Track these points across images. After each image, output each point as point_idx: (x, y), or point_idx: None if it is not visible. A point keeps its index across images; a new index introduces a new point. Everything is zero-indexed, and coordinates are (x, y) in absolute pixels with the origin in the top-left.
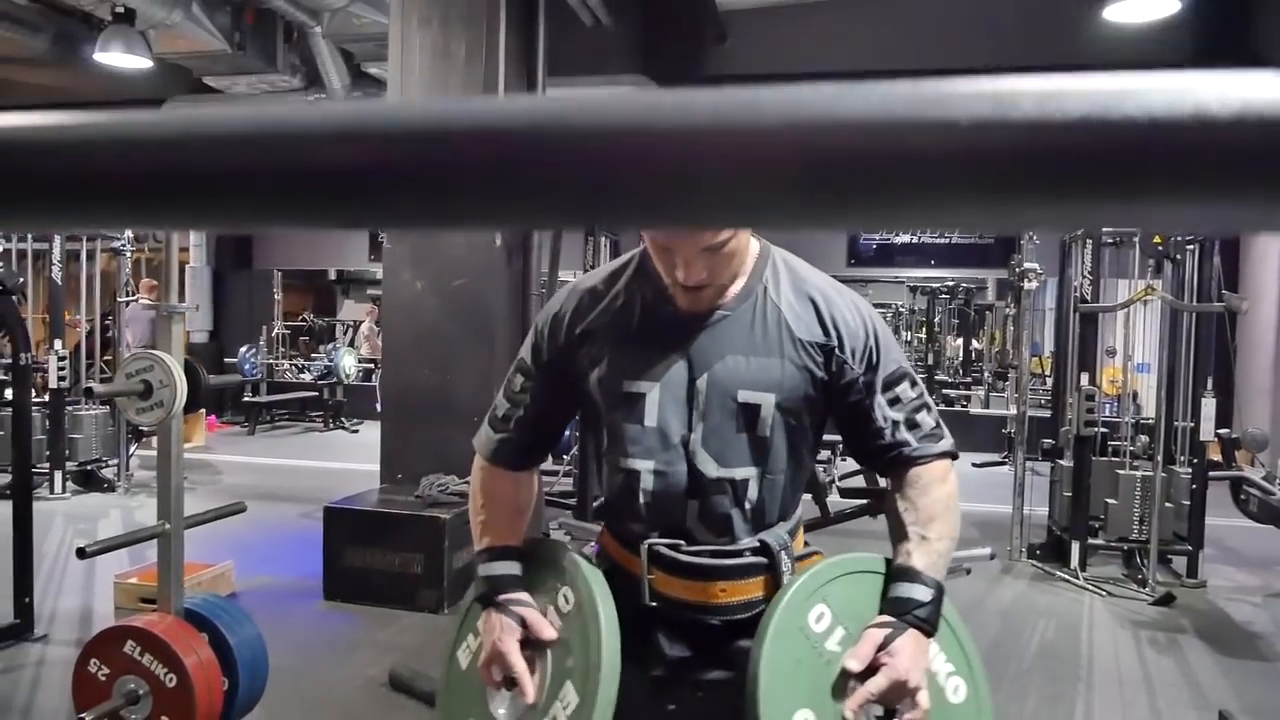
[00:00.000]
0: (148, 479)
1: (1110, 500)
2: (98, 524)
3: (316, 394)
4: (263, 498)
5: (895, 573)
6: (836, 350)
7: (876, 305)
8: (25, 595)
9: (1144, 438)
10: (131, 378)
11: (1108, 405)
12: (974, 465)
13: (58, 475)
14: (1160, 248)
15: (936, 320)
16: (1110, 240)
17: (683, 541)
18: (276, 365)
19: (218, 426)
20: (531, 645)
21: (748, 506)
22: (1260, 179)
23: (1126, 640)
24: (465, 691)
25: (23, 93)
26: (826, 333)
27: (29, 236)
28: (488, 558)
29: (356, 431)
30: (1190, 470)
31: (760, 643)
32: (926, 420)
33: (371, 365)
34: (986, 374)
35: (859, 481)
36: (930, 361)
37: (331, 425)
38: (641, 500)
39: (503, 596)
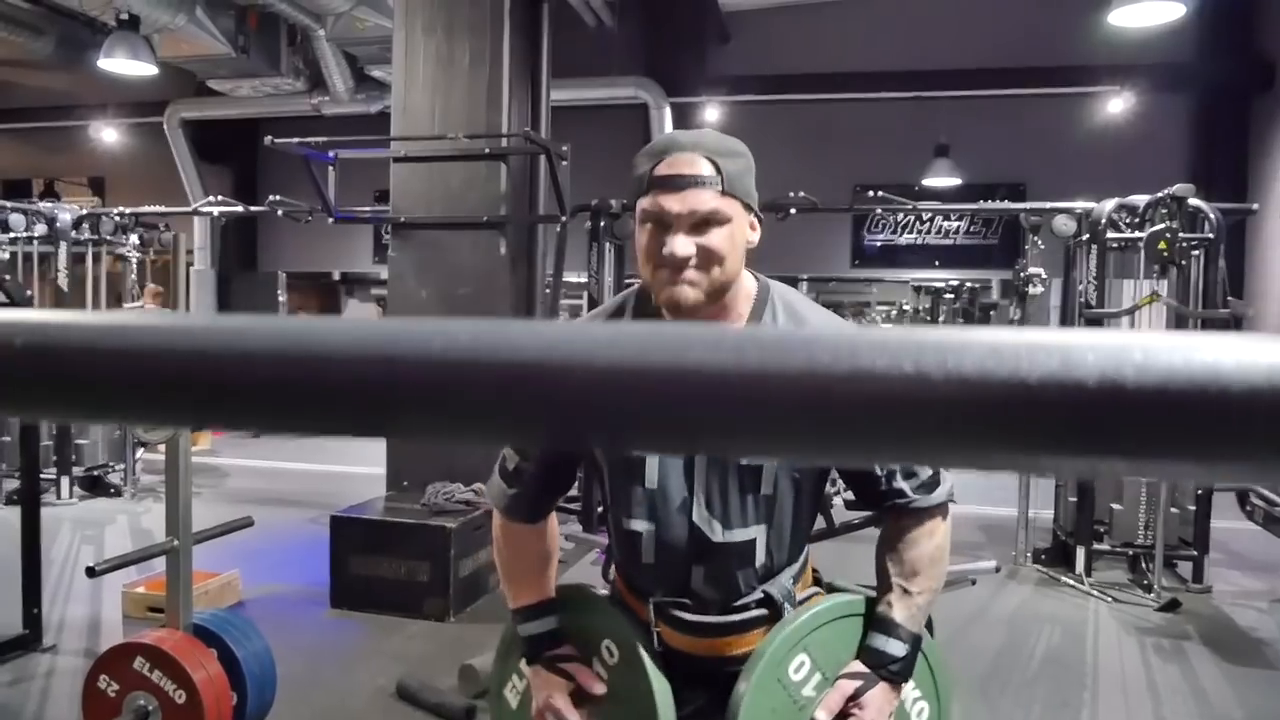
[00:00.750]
0: (154, 484)
1: (1115, 505)
2: (104, 530)
3: None
4: (269, 503)
5: (875, 623)
6: None
7: (880, 304)
8: (34, 606)
9: None
10: None
11: None
12: None
13: (64, 481)
14: (1165, 253)
15: (941, 319)
16: (1115, 245)
17: (688, 600)
18: None
19: (223, 430)
20: (580, 696)
21: (757, 565)
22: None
23: (1132, 647)
24: None
25: (27, 97)
26: None
27: (34, 240)
28: (523, 618)
29: None
30: None
31: (741, 692)
32: (924, 469)
33: None
34: None
35: None
36: None
37: None
38: (644, 561)
39: (548, 654)
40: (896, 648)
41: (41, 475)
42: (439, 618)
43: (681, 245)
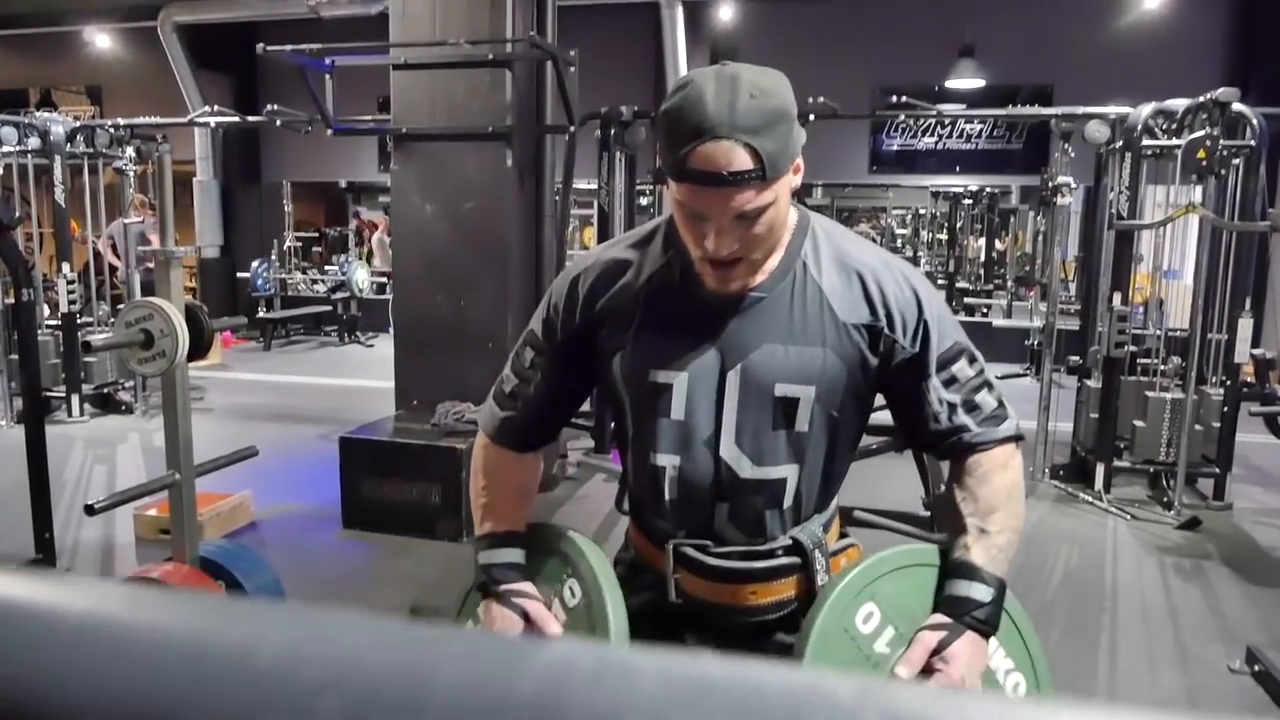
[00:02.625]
0: None
1: (1138, 423)
2: (116, 449)
3: (331, 308)
4: (280, 419)
5: (952, 568)
6: (885, 330)
7: (896, 209)
8: (45, 530)
9: (1176, 359)
10: (130, 327)
11: (1134, 313)
12: (995, 378)
13: (74, 399)
14: (1204, 162)
15: (959, 225)
16: (1150, 152)
17: (710, 543)
18: (289, 279)
19: (233, 342)
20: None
21: (785, 505)
22: None
23: (1151, 568)
24: None
25: (16, 2)
26: (874, 312)
27: (29, 154)
28: (488, 544)
29: (372, 346)
30: (1222, 392)
31: (803, 648)
32: (988, 401)
33: (385, 278)
34: (1009, 282)
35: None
36: (951, 268)
37: (347, 340)
38: (667, 498)
39: (504, 587)
40: (980, 592)
41: (51, 393)
42: (452, 539)
43: (725, 246)
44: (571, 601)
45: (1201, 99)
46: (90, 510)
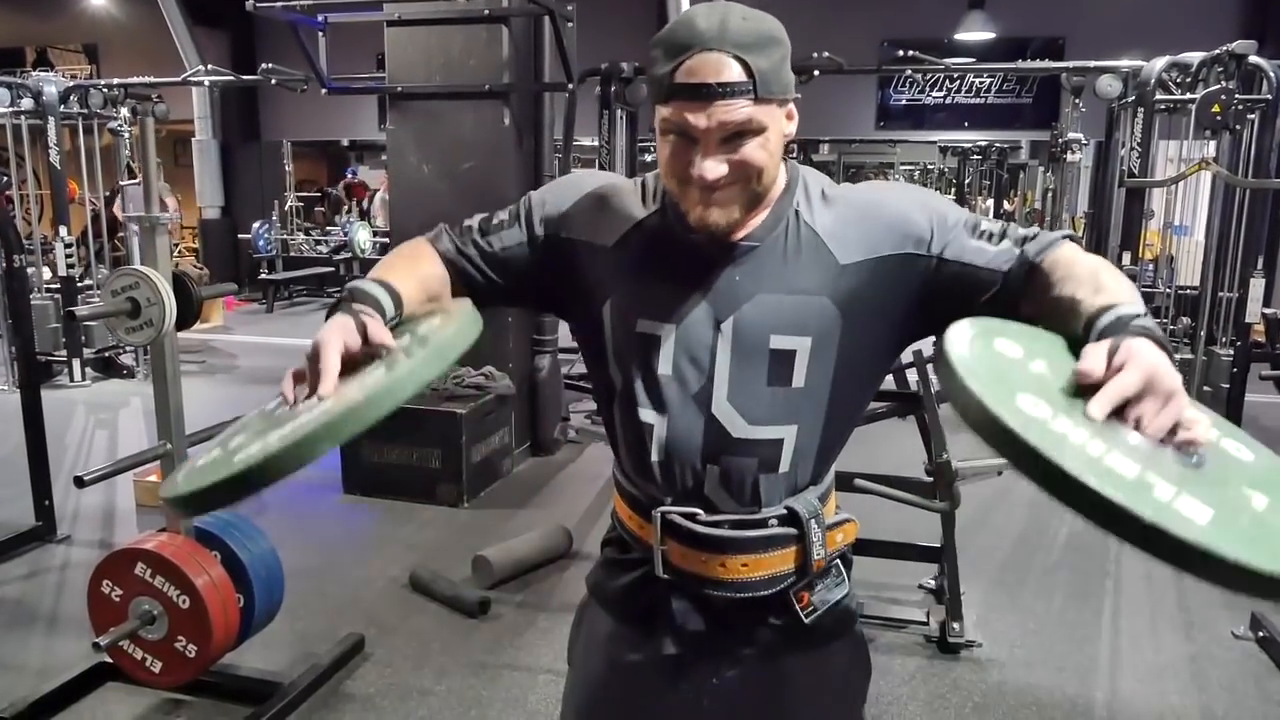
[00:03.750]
0: None
1: None
2: (118, 413)
3: (333, 269)
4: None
5: (1085, 323)
6: (893, 251)
7: (904, 165)
8: (45, 497)
9: (1185, 319)
10: (117, 295)
11: (1143, 271)
12: None
13: (75, 363)
14: (1219, 117)
15: (967, 182)
16: (1164, 107)
17: (700, 511)
18: (291, 239)
19: (236, 304)
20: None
21: (779, 471)
22: None
23: None
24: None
25: None
26: (875, 242)
27: (22, 116)
28: (367, 279)
29: None
30: (1232, 353)
31: (946, 360)
32: (1030, 229)
33: (388, 238)
34: None
35: (887, 382)
36: None
37: None
38: (654, 459)
39: (357, 306)
40: (1130, 308)
41: (52, 357)
42: (452, 504)
43: (711, 168)
44: (422, 331)
45: (1217, 51)
46: (80, 482)
